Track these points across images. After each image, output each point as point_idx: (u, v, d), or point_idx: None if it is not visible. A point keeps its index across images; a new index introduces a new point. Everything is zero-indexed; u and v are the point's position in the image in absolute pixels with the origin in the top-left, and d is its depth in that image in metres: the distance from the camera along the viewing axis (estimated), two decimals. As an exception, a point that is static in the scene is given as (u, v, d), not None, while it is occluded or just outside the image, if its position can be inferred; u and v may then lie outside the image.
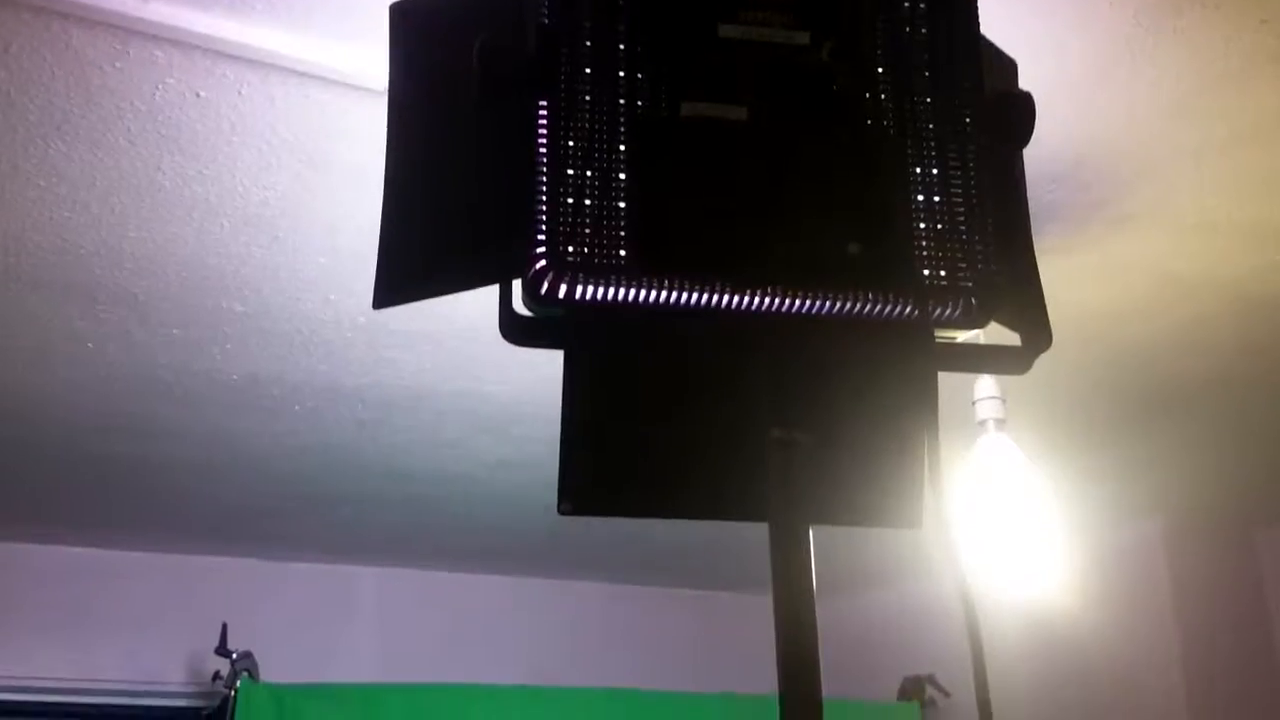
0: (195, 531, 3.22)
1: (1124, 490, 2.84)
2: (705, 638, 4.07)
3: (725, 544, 3.46)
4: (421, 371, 2.11)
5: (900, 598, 3.90)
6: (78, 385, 2.15)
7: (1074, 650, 3.20)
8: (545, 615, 3.88)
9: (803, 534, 0.78)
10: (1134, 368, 2.07)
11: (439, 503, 3.00)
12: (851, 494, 0.82)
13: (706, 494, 0.82)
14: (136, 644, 3.29)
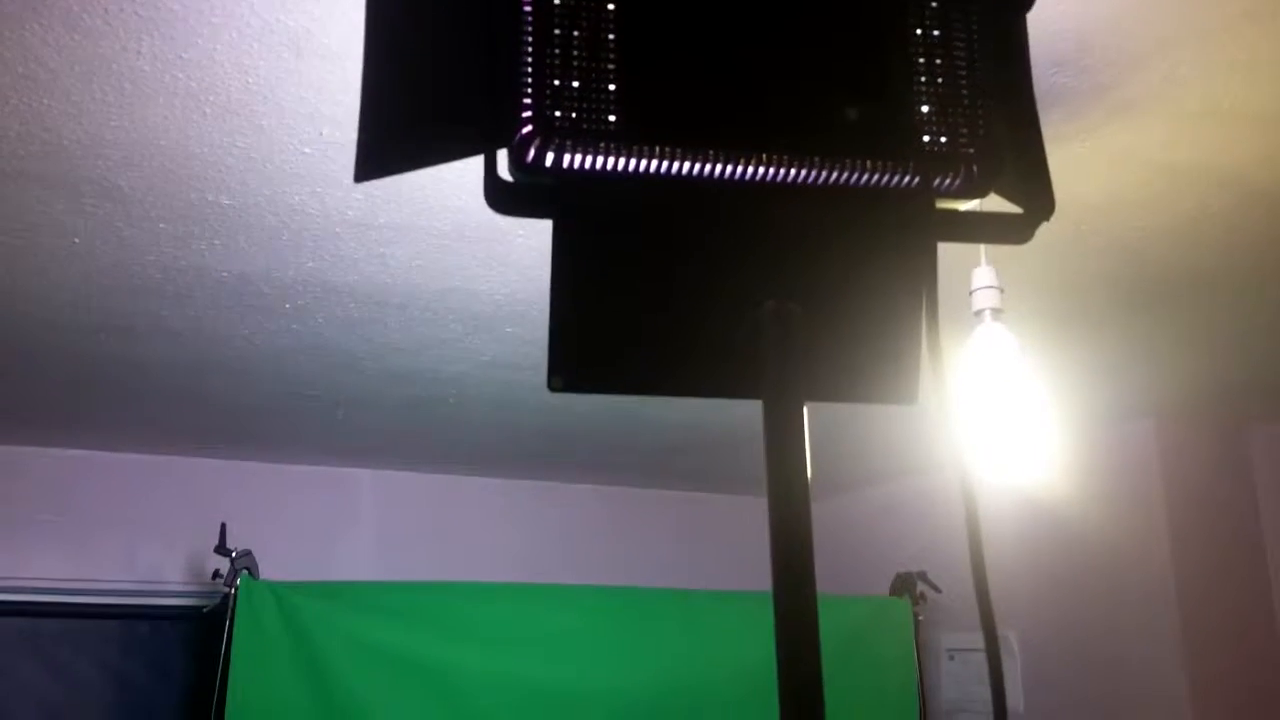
0: (191, 433, 3.23)
1: (1118, 387, 2.84)
2: (697, 538, 4.12)
3: (717, 446, 3.47)
4: (412, 269, 2.09)
5: (891, 495, 3.94)
6: (66, 284, 2.13)
7: (1065, 538, 3.24)
8: (540, 516, 3.91)
9: (798, 411, 0.77)
10: (1131, 260, 2.05)
11: (433, 404, 2.99)
12: (848, 369, 0.80)
13: (701, 370, 0.80)
14: (136, 544, 3.31)
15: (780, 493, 0.79)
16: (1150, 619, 3.01)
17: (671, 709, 3.35)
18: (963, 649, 3.61)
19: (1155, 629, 3.00)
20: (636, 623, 3.45)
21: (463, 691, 3.21)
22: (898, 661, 3.60)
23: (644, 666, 3.38)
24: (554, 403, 3.01)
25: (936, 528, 3.74)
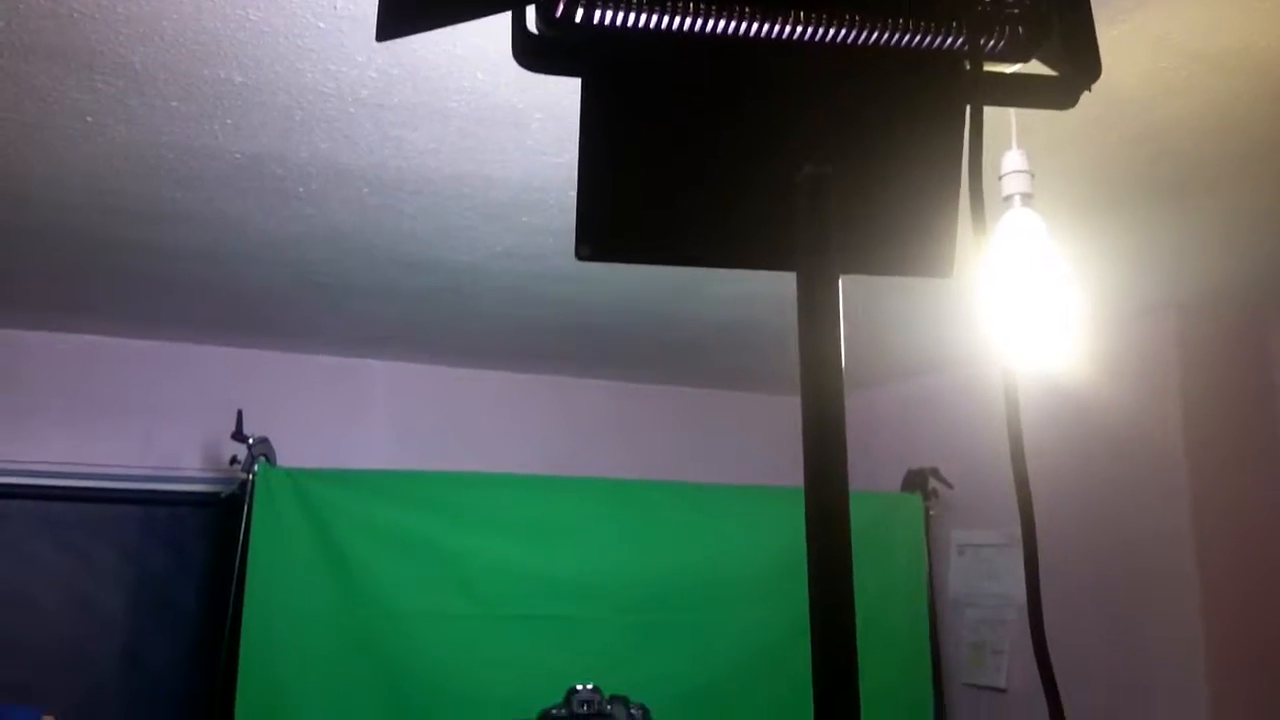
0: (206, 320, 3.22)
1: (1140, 278, 2.81)
2: (712, 435, 4.13)
3: (735, 344, 3.46)
4: (427, 153, 2.05)
5: (903, 394, 3.93)
6: (78, 165, 2.11)
7: (1081, 429, 3.23)
8: (554, 411, 3.92)
9: (832, 282, 0.75)
10: (1161, 148, 2.01)
11: (448, 295, 2.98)
12: (883, 240, 0.78)
13: (733, 240, 0.78)
14: (152, 431, 3.34)
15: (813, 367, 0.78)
16: (1162, 510, 3.02)
17: (682, 599, 3.40)
18: (972, 544, 3.64)
19: (1167, 520, 3.01)
20: (649, 514, 3.49)
21: (477, 578, 3.26)
22: (908, 556, 3.64)
23: (656, 557, 3.42)
24: (569, 297, 3.00)
25: (949, 425, 3.74)
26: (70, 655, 3.24)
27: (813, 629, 1.11)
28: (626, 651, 3.26)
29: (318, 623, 3.11)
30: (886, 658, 3.46)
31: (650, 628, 3.33)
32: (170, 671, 3.34)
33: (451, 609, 3.22)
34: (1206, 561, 2.94)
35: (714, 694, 3.33)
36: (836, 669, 1.08)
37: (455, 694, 3.08)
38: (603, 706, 2.42)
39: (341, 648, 3.11)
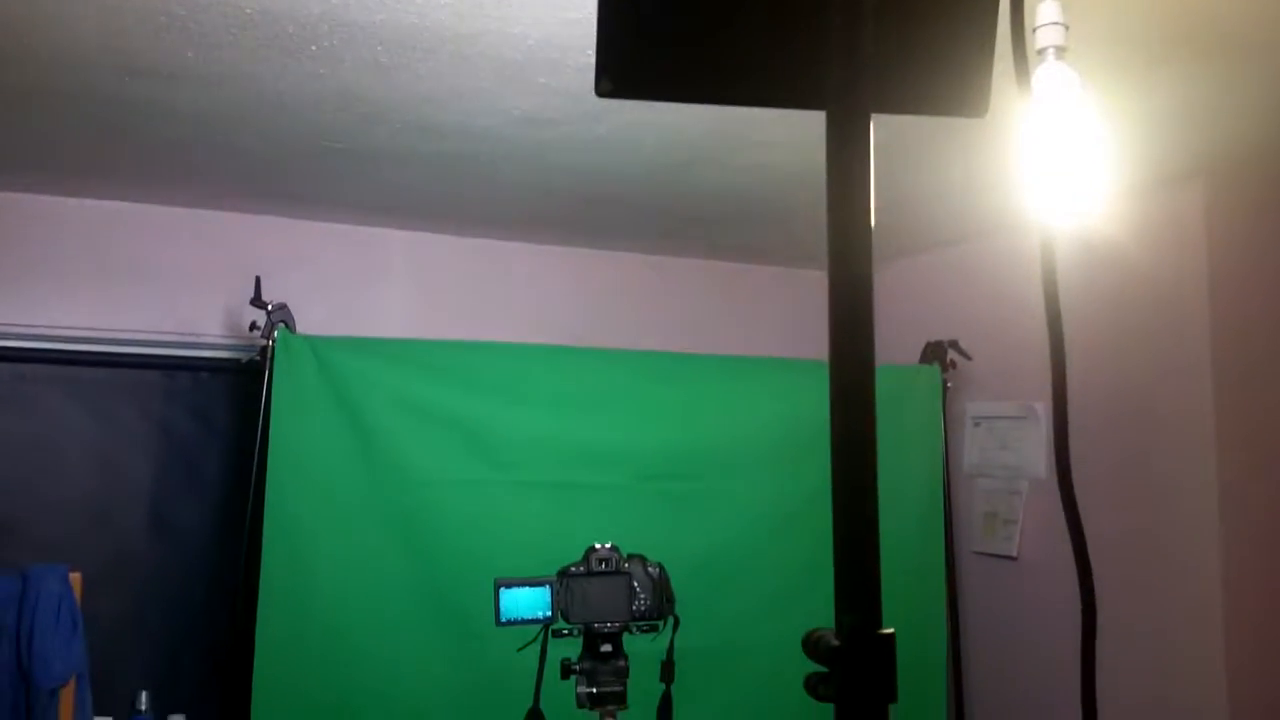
0: (226, 187, 3.20)
1: (1168, 144, 2.75)
2: (733, 309, 4.11)
3: (760, 215, 3.42)
4: (440, 7, 2.00)
5: (923, 266, 3.90)
6: (85, 18, 2.06)
7: (1101, 303, 3.21)
8: (574, 284, 3.91)
9: (864, 121, 0.73)
10: (1198, 4, 1.94)
11: (466, 162, 2.94)
12: (916, 78, 0.75)
13: (761, 76, 0.76)
14: (172, 297, 3.34)
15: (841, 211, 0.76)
16: (1184, 381, 3.01)
17: (700, 467, 3.44)
18: (988, 416, 3.65)
19: (1188, 392, 3.00)
20: (670, 385, 3.50)
21: (498, 445, 3.29)
22: (925, 427, 3.66)
23: (675, 426, 3.45)
24: (587, 166, 2.95)
25: (967, 298, 3.72)
26: (97, 516, 3.31)
27: (835, 499, 1.11)
28: (645, 517, 3.31)
29: (340, 488, 3.15)
30: (901, 526, 3.50)
31: (669, 495, 3.37)
32: (195, 534, 3.41)
33: (472, 475, 3.26)
34: (1225, 435, 2.94)
35: (730, 560, 3.39)
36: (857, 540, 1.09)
37: (475, 559, 3.14)
38: (621, 564, 2.45)
39: (364, 513, 3.16)
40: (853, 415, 1.09)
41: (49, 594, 2.82)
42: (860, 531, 1.07)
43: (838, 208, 0.74)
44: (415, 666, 3.15)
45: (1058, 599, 3.39)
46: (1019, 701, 3.50)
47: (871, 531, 1.08)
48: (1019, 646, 3.51)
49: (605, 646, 2.43)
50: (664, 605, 2.46)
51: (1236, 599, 2.91)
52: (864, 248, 0.75)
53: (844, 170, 0.75)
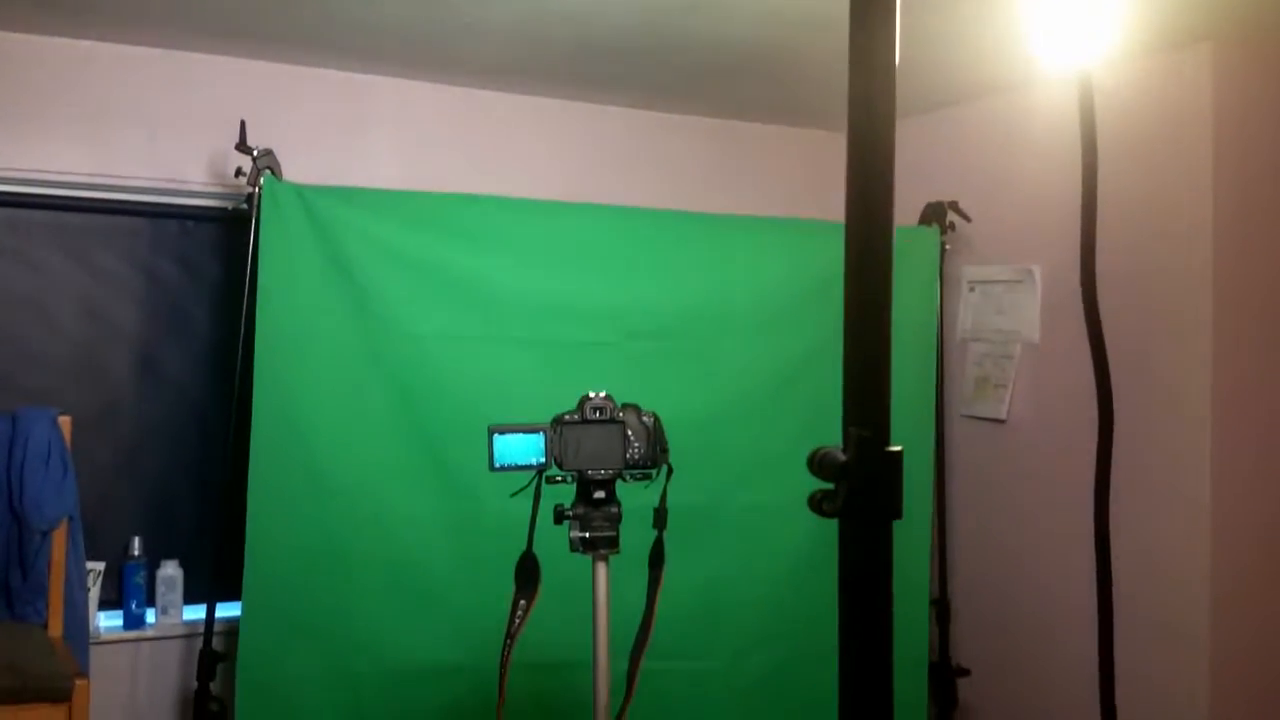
0: (208, 25, 3.08)
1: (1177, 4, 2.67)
2: (734, 166, 4.04)
3: (762, 69, 3.32)
4: None
5: (924, 127, 3.83)
6: None
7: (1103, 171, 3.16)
8: (573, 137, 3.82)
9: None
10: None
11: (454, 3, 2.84)
12: None
13: None
14: (156, 141, 3.26)
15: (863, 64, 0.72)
16: (1184, 248, 2.98)
17: (694, 327, 3.41)
18: (984, 281, 3.62)
19: (1187, 263, 2.98)
20: (664, 243, 3.46)
21: (490, 300, 3.26)
22: (922, 289, 3.63)
23: (669, 285, 3.42)
24: (584, 7, 2.86)
25: (970, 160, 3.66)
26: (86, 364, 3.29)
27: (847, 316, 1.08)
28: (636, 376, 3.30)
29: (329, 342, 3.13)
30: (893, 389, 3.50)
31: (661, 354, 3.36)
32: (184, 383, 3.40)
33: (464, 330, 3.23)
34: (1224, 301, 2.92)
35: (722, 422, 3.39)
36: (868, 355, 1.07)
37: (466, 414, 3.13)
38: (615, 413, 2.44)
39: (353, 364, 3.15)
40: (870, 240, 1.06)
41: (38, 436, 2.81)
42: (872, 346, 1.05)
43: (860, 59, 0.69)
44: (407, 517, 3.18)
45: (1044, 461, 3.42)
46: (1003, 561, 3.55)
47: (884, 348, 1.06)
48: (1005, 508, 3.55)
49: (598, 493, 2.44)
50: (658, 454, 2.47)
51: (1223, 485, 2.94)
52: (887, 98, 0.71)
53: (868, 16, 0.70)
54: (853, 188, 1.05)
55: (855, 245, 1.03)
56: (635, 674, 2.44)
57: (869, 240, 1.02)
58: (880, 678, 1.07)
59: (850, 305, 1.04)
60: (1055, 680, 3.38)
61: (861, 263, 1.03)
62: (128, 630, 3.24)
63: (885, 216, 1.03)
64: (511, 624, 2.43)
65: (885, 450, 1.03)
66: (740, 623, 3.42)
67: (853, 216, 1.03)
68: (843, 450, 1.04)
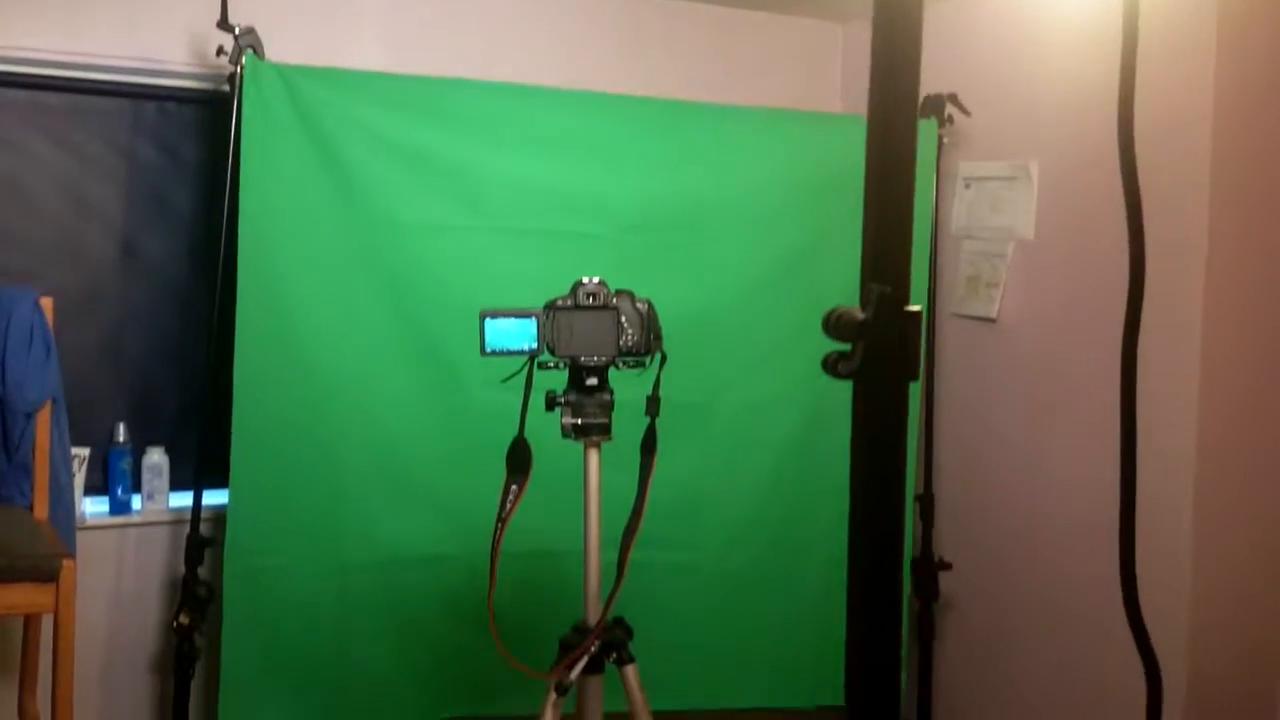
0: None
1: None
2: (732, 57, 3.95)
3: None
4: None
5: (928, 17, 3.74)
6: None
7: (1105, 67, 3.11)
8: (568, 23, 3.72)
9: None
10: None
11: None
12: None
13: None
14: (135, 19, 3.16)
15: None
16: (1181, 144, 2.94)
17: (688, 220, 3.36)
18: (979, 177, 3.58)
19: (1183, 164, 2.94)
20: (659, 133, 3.39)
21: (479, 189, 3.21)
22: (918, 184, 3.58)
23: (663, 177, 3.36)
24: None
25: (970, 53, 3.59)
26: (67, 247, 3.23)
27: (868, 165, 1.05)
28: (631, 269, 3.22)
29: (315, 229, 3.07)
30: (884, 285, 3.48)
31: (656, 247, 3.31)
32: (168, 268, 3.34)
33: (453, 220, 3.18)
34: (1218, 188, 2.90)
35: (714, 317, 3.36)
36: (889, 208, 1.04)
37: (456, 305, 3.09)
38: (609, 299, 2.42)
39: (341, 255, 3.10)
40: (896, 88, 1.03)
41: (21, 317, 2.76)
42: (894, 201, 1.02)
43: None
44: (395, 406, 3.16)
45: (1034, 361, 3.42)
46: (987, 457, 3.57)
47: (906, 201, 1.03)
48: (992, 406, 3.56)
49: (591, 380, 2.43)
50: (651, 341, 2.44)
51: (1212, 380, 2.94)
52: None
53: None
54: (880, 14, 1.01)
55: (880, 90, 0.98)
56: (626, 559, 2.45)
57: (895, 87, 0.98)
58: (892, 542, 1.06)
59: (872, 156, 1.01)
60: (1035, 574, 3.42)
61: (885, 109, 1.00)
62: (114, 516, 3.23)
63: (913, 54, 0.99)
64: (503, 508, 2.43)
65: (905, 308, 1.01)
66: (725, 515, 3.44)
67: (878, 51, 0.98)
68: (861, 308, 1.01)
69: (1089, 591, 3.25)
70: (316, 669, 3.13)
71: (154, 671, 3.29)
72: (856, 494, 1.05)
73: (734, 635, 3.45)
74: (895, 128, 1.00)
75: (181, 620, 3.03)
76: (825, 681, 3.53)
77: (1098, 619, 3.22)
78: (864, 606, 1.02)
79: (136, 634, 3.27)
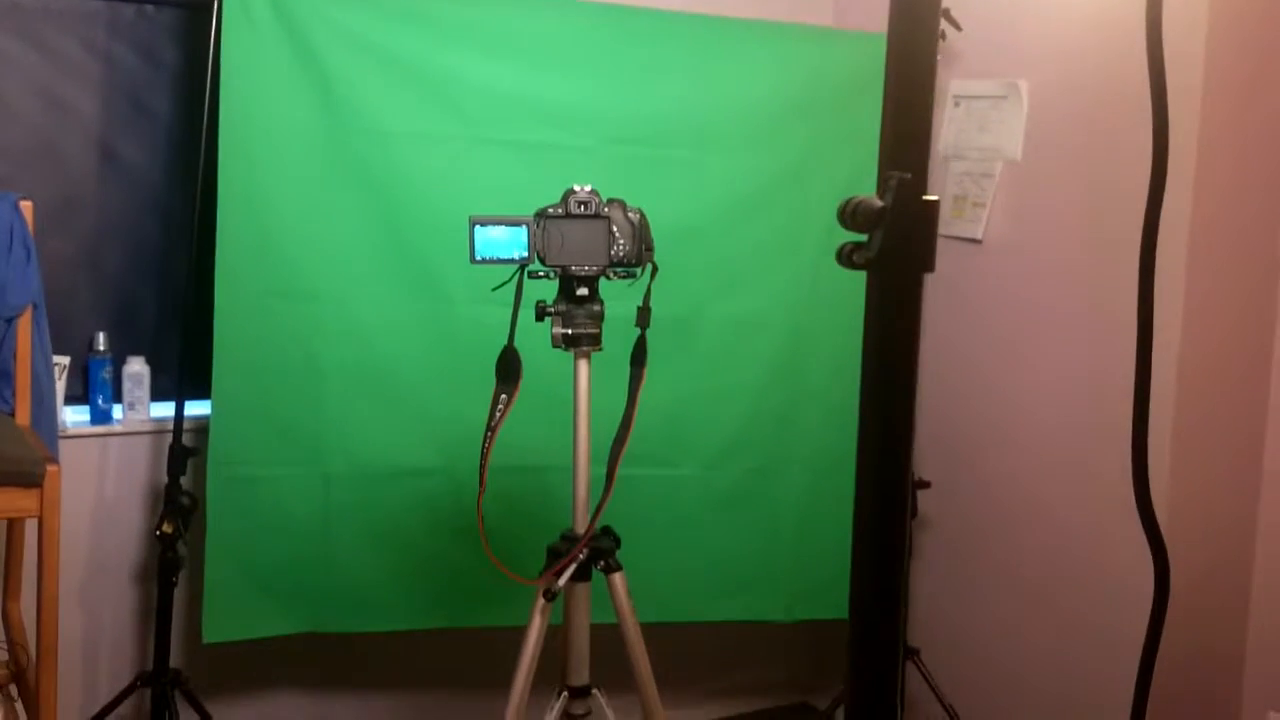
0: None
1: None
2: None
3: None
4: None
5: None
6: None
7: None
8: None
9: None
10: None
11: None
12: None
13: None
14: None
15: None
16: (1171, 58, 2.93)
17: (676, 135, 3.33)
18: (969, 96, 3.56)
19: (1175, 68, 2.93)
20: (647, 44, 3.34)
21: (463, 98, 3.16)
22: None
23: (651, 89, 3.31)
24: None
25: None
26: (45, 152, 3.15)
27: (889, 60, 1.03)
28: (616, 184, 3.21)
29: (297, 137, 3.03)
30: (871, 204, 3.46)
31: (641, 161, 3.27)
32: (148, 175, 3.28)
33: (436, 130, 3.14)
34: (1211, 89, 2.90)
35: (702, 231, 3.33)
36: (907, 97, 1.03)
37: (440, 217, 3.07)
38: (600, 208, 2.40)
39: (323, 165, 3.05)
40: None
41: (0, 219, 2.71)
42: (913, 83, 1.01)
43: None
44: (379, 319, 3.14)
45: (1019, 282, 3.43)
46: (968, 377, 3.60)
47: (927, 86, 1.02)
48: (973, 326, 3.58)
49: (581, 290, 2.42)
50: (643, 252, 2.43)
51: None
52: None
53: None
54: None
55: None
56: (615, 469, 2.46)
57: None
58: (902, 434, 1.07)
59: (894, 37, 0.99)
60: (1014, 493, 3.47)
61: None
62: (95, 425, 3.21)
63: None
64: (492, 417, 2.43)
65: (924, 197, 1.00)
66: (708, 433, 3.45)
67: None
68: (879, 195, 1.01)
69: (1066, 510, 3.31)
70: (301, 579, 3.14)
71: (137, 580, 3.29)
72: (868, 387, 1.05)
73: (715, 552, 3.49)
74: (919, 5, 0.98)
75: (165, 529, 3.02)
76: (802, 596, 3.58)
77: (1075, 536, 3.28)
78: (872, 491, 1.03)
79: (119, 543, 3.26)
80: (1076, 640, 3.28)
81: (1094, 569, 3.23)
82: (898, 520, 1.03)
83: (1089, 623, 3.23)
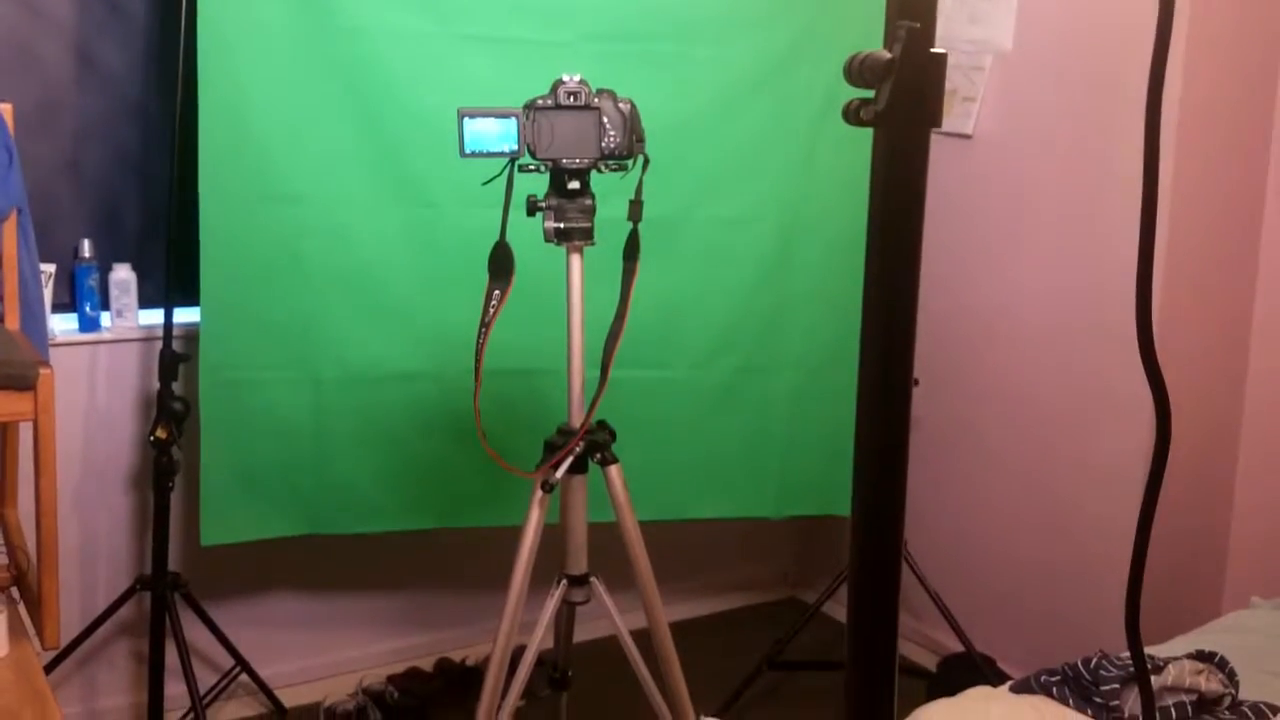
0: None
1: None
2: None
3: None
4: None
5: None
6: None
7: None
8: None
9: None
10: None
11: None
12: None
13: None
14: None
15: None
16: None
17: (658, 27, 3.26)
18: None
19: None
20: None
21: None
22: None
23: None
24: None
25: None
26: (18, 56, 3.09)
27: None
28: (596, 80, 3.18)
29: (276, 36, 2.97)
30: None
31: (623, 57, 3.20)
32: (126, 79, 3.22)
33: (414, 26, 3.07)
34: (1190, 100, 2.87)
35: (691, 129, 3.28)
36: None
37: (422, 117, 3.03)
38: (590, 99, 2.37)
39: (304, 64, 3.00)
40: None
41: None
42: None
43: None
44: (365, 221, 3.11)
45: (1009, 176, 3.42)
46: (959, 274, 3.61)
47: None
48: (964, 222, 3.57)
49: (573, 184, 2.40)
50: (634, 144, 2.41)
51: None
52: None
53: None
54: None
55: None
56: (610, 363, 2.47)
57: None
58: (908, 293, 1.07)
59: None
60: (1004, 387, 3.50)
61: None
62: (83, 333, 3.19)
63: None
64: (486, 313, 2.42)
65: (932, 49, 0.99)
66: (697, 333, 3.45)
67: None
68: (887, 48, 1.00)
69: (1055, 401, 3.34)
70: (297, 481, 3.16)
71: (131, 486, 3.30)
72: (874, 247, 1.05)
73: (704, 451, 3.51)
74: None
75: (158, 434, 3.03)
76: (790, 493, 3.62)
77: (1064, 426, 3.32)
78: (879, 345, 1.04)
79: (113, 450, 3.27)
80: (1067, 522, 3.34)
81: (1083, 455, 3.27)
82: (903, 368, 1.05)
83: (1079, 507, 3.29)
